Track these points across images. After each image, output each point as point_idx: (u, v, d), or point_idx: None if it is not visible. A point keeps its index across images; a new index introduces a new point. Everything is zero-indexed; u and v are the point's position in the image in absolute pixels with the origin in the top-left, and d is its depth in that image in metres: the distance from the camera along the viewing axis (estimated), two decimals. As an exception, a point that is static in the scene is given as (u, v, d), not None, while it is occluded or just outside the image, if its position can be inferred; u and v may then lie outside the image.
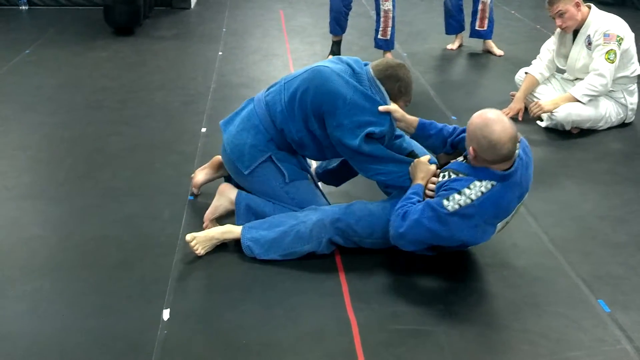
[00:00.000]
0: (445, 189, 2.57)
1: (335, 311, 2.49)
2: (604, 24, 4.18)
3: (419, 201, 2.64)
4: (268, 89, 3.01)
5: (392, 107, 2.79)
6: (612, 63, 4.11)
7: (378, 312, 2.49)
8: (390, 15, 5.45)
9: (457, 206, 2.50)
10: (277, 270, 2.73)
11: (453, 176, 2.61)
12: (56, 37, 6.38)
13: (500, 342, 2.36)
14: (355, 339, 2.34)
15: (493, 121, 2.48)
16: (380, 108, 2.75)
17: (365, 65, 2.89)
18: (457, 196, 2.51)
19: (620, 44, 4.13)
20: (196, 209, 3.18)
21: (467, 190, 2.50)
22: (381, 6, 5.45)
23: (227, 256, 2.82)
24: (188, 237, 2.78)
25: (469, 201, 2.49)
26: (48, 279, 2.65)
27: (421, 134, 2.86)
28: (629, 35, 4.22)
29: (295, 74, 2.94)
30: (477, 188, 2.50)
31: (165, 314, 2.44)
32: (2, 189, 3.38)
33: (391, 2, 5.42)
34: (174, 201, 3.27)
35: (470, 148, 2.52)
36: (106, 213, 3.17)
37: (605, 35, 4.14)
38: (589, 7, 4.27)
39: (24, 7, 7.49)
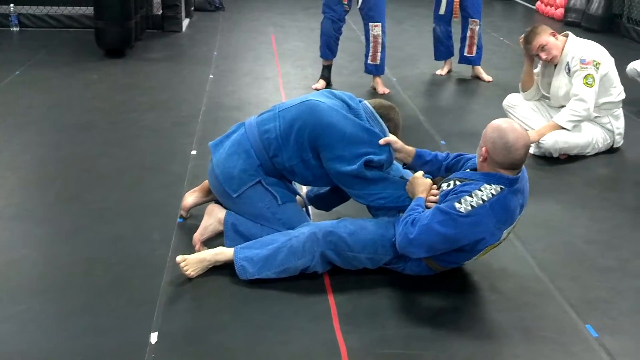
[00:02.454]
0: (455, 194, 2.61)
1: (325, 334, 2.48)
2: (580, 50, 4.26)
3: (423, 211, 2.68)
4: (260, 115, 3.03)
5: (392, 138, 2.90)
6: (592, 87, 4.16)
7: (367, 335, 2.49)
8: (380, 40, 5.50)
9: (469, 207, 2.54)
10: (266, 292, 2.73)
11: (459, 184, 2.66)
12: (47, 58, 6.40)
13: (489, 366, 2.36)
14: (345, 363, 2.34)
15: (511, 127, 2.63)
16: (381, 141, 2.85)
17: (360, 101, 2.99)
18: (468, 198, 2.55)
19: (597, 68, 4.19)
20: (186, 230, 3.18)
21: (478, 192, 2.56)
22: (370, 31, 5.50)
23: (216, 278, 2.81)
24: (179, 258, 2.77)
25: (480, 202, 2.54)
26: (36, 300, 2.63)
27: (418, 162, 2.96)
28: (606, 60, 4.28)
29: (290, 104, 2.98)
30: (488, 190, 2.56)
31: (153, 337, 2.42)
32: (-10, 209, 3.37)
33: (380, 28, 5.47)
34: (163, 222, 3.27)
35: (483, 149, 2.62)
36: (95, 234, 3.16)
37: (582, 60, 4.21)
38: (566, 36, 4.35)
39: (15, 28, 7.51)
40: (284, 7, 9.75)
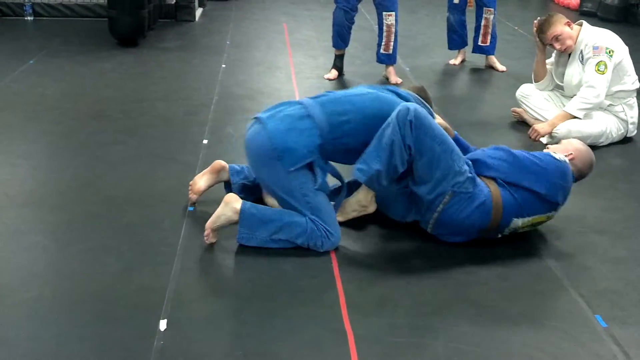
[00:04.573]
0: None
1: (333, 323, 2.49)
2: (593, 37, 4.24)
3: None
4: (318, 97, 3.09)
5: (440, 120, 3.19)
6: (603, 74, 4.13)
7: (375, 323, 2.49)
8: (393, 29, 5.48)
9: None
10: (275, 281, 2.74)
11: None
12: (61, 47, 6.43)
13: (498, 355, 2.36)
14: (352, 351, 2.34)
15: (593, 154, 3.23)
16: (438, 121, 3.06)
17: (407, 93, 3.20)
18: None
19: (610, 55, 4.15)
20: (196, 218, 3.19)
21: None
22: (384, 21, 5.48)
23: (226, 266, 2.84)
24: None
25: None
26: (47, 287, 2.65)
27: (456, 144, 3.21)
28: (620, 48, 4.24)
29: (359, 92, 3.11)
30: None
31: (162, 324, 2.44)
32: (3, 196, 3.40)
33: (394, 17, 5.45)
34: (174, 211, 3.28)
35: (571, 152, 3.14)
36: (107, 222, 3.18)
37: (594, 47, 4.19)
38: (580, 25, 4.32)
39: (29, 18, 7.55)
40: (297, -4, 9.74)
